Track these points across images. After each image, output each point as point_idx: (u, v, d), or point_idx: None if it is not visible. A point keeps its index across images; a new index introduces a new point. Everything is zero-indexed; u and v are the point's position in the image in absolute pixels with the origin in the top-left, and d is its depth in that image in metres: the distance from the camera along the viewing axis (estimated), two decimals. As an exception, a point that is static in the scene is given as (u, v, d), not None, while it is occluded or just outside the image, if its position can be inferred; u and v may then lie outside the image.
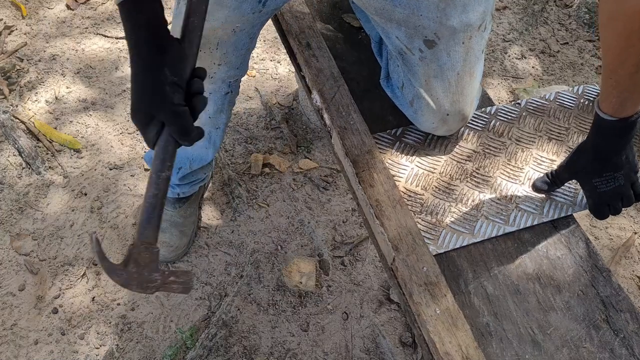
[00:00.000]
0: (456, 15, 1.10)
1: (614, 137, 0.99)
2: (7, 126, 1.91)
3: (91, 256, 1.64)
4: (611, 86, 0.95)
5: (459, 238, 1.08)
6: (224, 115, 1.38)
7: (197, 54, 0.88)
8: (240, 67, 1.27)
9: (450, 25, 1.11)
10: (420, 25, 1.12)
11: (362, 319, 1.57)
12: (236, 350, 1.50)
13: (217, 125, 1.40)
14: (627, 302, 1.02)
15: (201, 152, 1.47)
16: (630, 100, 0.95)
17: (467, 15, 1.11)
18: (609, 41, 0.90)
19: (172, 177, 1.54)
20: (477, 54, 1.18)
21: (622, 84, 0.93)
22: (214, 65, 1.21)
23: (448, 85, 1.17)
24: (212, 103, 1.32)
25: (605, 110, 0.97)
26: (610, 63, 0.93)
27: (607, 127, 0.99)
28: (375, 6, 1.15)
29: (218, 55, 1.19)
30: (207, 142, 1.44)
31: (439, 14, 1.10)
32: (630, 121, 0.96)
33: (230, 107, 1.39)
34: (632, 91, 0.94)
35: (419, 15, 1.11)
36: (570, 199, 1.14)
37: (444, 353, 0.90)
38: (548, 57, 2.29)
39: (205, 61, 1.20)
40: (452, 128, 1.22)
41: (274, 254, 1.68)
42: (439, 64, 1.15)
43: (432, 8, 1.10)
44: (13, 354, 1.47)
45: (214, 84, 1.28)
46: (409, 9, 1.11)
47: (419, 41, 1.14)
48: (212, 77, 1.24)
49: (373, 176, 1.10)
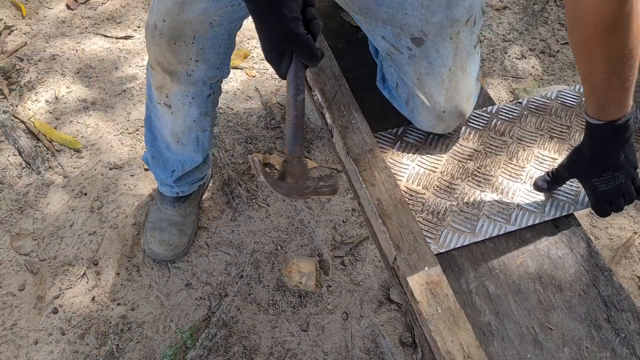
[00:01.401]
0: (440, 11, 1.10)
1: (607, 139, 0.99)
2: (7, 126, 1.91)
3: (91, 256, 1.64)
4: (589, 92, 0.96)
5: (461, 237, 1.08)
6: (209, 117, 1.38)
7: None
8: (220, 67, 1.26)
9: (436, 22, 1.11)
10: (406, 23, 1.12)
11: (362, 319, 1.57)
12: (236, 350, 1.50)
13: (203, 128, 1.40)
14: (629, 301, 1.02)
15: (191, 155, 1.48)
16: (612, 105, 0.95)
17: (452, 10, 1.11)
18: (575, 49, 0.92)
19: (167, 180, 1.54)
20: (468, 49, 1.17)
21: (598, 89, 0.94)
22: (191, 61, 1.20)
23: (441, 81, 1.16)
24: (195, 107, 1.32)
25: (591, 114, 0.98)
26: (582, 70, 0.95)
27: (596, 130, 0.98)
28: (359, 5, 1.14)
29: (194, 50, 1.18)
30: (196, 145, 1.44)
31: (424, 11, 1.10)
32: (619, 124, 0.95)
33: (214, 109, 1.39)
34: (609, 95, 0.94)
35: (404, 14, 1.11)
36: (571, 197, 1.14)
37: (446, 352, 0.90)
38: (548, 57, 2.29)
39: (182, 55, 1.18)
40: (450, 125, 1.21)
41: (274, 254, 1.68)
42: (429, 61, 1.15)
43: (417, 5, 1.09)
44: (13, 354, 1.46)
45: (194, 86, 1.27)
46: (393, 8, 1.11)
47: (406, 39, 1.14)
48: (191, 75, 1.23)
49: (374, 175, 1.10)
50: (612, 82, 0.92)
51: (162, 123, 1.40)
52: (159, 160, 1.51)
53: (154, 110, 1.40)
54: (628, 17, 0.83)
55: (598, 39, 0.86)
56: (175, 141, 1.42)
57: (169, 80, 1.25)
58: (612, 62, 0.89)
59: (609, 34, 0.85)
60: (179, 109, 1.32)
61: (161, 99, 1.32)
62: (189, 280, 1.61)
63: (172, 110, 1.33)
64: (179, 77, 1.23)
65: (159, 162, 1.52)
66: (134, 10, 2.36)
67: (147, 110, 1.45)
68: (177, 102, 1.30)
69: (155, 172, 1.57)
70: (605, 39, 0.86)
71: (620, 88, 0.92)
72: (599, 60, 0.89)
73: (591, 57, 0.90)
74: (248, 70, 2.16)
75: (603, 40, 0.86)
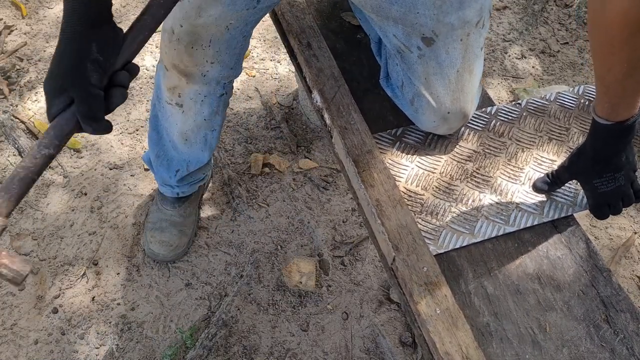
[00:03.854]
0: (453, 11, 1.10)
1: (612, 139, 0.99)
2: (7, 126, 1.91)
3: (91, 256, 1.64)
4: (602, 92, 0.96)
5: (459, 238, 1.08)
6: (219, 117, 1.39)
7: (137, 52, 0.84)
8: (234, 68, 1.27)
9: (448, 22, 1.11)
10: (418, 22, 1.12)
11: (362, 319, 1.57)
12: (236, 350, 1.50)
13: (212, 127, 1.40)
14: (628, 302, 1.02)
15: (198, 155, 1.47)
16: (623, 106, 0.95)
17: (464, 11, 1.11)
18: (594, 49, 0.92)
19: (170, 179, 1.54)
20: (476, 51, 1.18)
21: (612, 90, 0.94)
22: (207, 63, 1.21)
23: (448, 82, 1.16)
24: (207, 106, 1.33)
25: (600, 114, 0.98)
26: (598, 70, 0.94)
27: (603, 130, 0.99)
28: (371, 4, 1.15)
29: (211, 53, 1.19)
30: (203, 144, 1.44)
31: (436, 11, 1.10)
32: (627, 125, 0.96)
33: (224, 109, 1.40)
34: (622, 96, 0.94)
35: (415, 13, 1.11)
36: (570, 199, 1.14)
37: (444, 353, 0.90)
38: (548, 57, 2.29)
39: (198, 58, 1.20)
40: (453, 127, 1.21)
41: (274, 254, 1.68)
42: (438, 62, 1.15)
43: (429, 5, 1.09)
44: (13, 354, 1.46)
45: (208, 85, 1.28)
46: (406, 7, 1.11)
47: (417, 39, 1.14)
48: (205, 75, 1.24)
49: (373, 176, 1.10)
50: (626, 84, 0.91)
51: (171, 123, 1.40)
52: (163, 159, 1.51)
53: (162, 110, 1.41)
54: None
55: (623, 40, 0.85)
56: (183, 140, 1.42)
57: (184, 81, 1.26)
58: (632, 63, 0.88)
59: (635, 36, 0.84)
60: (191, 108, 1.33)
61: (173, 99, 1.32)
62: (189, 280, 1.62)
63: (183, 110, 1.34)
64: (194, 78, 1.25)
65: (163, 161, 1.52)
66: (133, 10, 2.36)
67: (153, 109, 1.45)
68: (190, 101, 1.31)
69: (158, 171, 1.57)
70: (631, 41, 0.85)
71: (634, 90, 0.93)
72: (619, 61, 0.89)
73: (611, 59, 0.89)
74: (248, 70, 2.16)
75: (627, 42, 0.85)
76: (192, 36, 1.16)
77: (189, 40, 1.16)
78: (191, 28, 1.15)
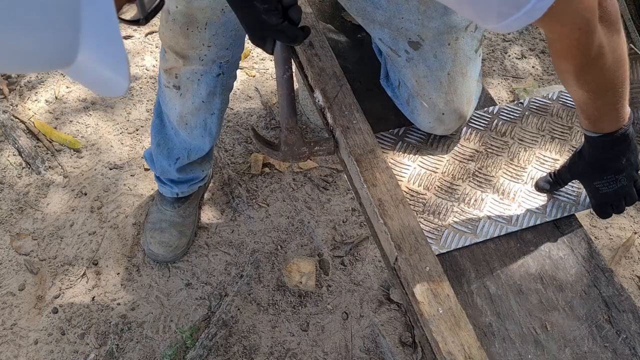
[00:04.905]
0: (438, 17, 1.09)
1: (607, 148, 0.98)
2: (7, 126, 1.90)
3: (91, 256, 1.64)
4: (579, 110, 0.97)
5: (462, 238, 1.08)
6: (217, 99, 1.38)
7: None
8: (230, 48, 1.27)
9: (433, 27, 1.10)
10: (403, 27, 1.11)
11: (362, 319, 1.57)
12: (236, 350, 1.50)
13: (211, 110, 1.39)
14: (630, 302, 1.02)
15: (198, 142, 1.47)
16: (605, 121, 0.95)
17: (449, 17, 1.10)
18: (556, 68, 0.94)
19: (170, 168, 1.53)
20: (469, 54, 1.17)
21: (587, 110, 0.95)
22: (204, 46, 1.22)
23: (439, 85, 1.16)
24: (204, 85, 1.33)
25: (586, 127, 0.98)
26: (568, 92, 0.96)
27: (594, 141, 0.98)
28: (356, 7, 1.14)
29: (207, 36, 1.20)
30: (203, 129, 1.43)
31: (420, 16, 1.09)
32: (616, 136, 0.95)
33: (225, 92, 1.39)
34: (599, 116, 0.95)
35: (400, 18, 1.10)
36: (573, 198, 1.14)
37: (447, 353, 0.90)
38: (548, 57, 2.29)
39: (194, 41, 1.20)
40: (450, 127, 1.21)
41: (274, 254, 1.68)
42: (427, 65, 1.14)
43: (413, 10, 1.09)
44: (13, 353, 1.46)
45: (204, 66, 1.28)
46: (390, 12, 1.10)
47: (404, 42, 1.13)
48: (203, 59, 1.25)
49: (376, 175, 1.10)
50: (599, 105, 0.92)
51: (170, 107, 1.40)
52: (164, 147, 1.50)
53: (162, 95, 1.41)
54: (597, 58, 0.85)
55: (573, 77, 0.89)
56: (184, 124, 1.42)
57: (181, 63, 1.27)
58: (593, 92, 0.91)
59: (581, 74, 0.88)
60: (188, 89, 1.33)
61: (170, 81, 1.33)
62: (189, 280, 1.61)
63: (180, 92, 1.34)
64: (191, 60, 1.26)
65: (163, 150, 1.51)
66: None
67: (157, 97, 1.47)
68: (187, 81, 1.31)
69: (159, 162, 1.55)
70: (580, 77, 0.89)
71: (610, 110, 0.93)
72: (579, 92, 0.92)
73: (571, 90, 0.93)
74: (248, 70, 2.16)
75: (577, 78, 0.89)
76: (187, 17, 1.16)
77: (184, 21, 1.17)
78: (186, 9, 1.15)
